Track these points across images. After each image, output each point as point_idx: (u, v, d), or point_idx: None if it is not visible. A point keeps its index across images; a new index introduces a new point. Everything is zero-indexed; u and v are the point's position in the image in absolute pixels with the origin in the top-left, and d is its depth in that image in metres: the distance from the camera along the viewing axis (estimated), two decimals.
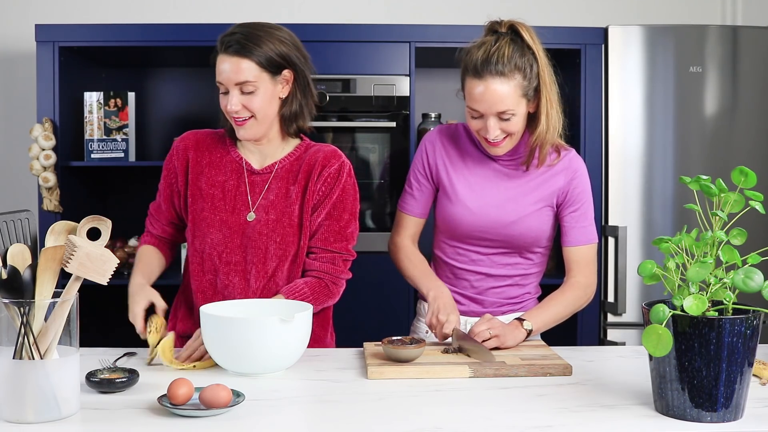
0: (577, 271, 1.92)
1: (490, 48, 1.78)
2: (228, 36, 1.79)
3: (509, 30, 1.82)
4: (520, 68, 1.78)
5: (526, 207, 1.90)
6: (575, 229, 1.92)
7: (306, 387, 1.53)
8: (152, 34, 2.86)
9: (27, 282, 1.30)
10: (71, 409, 1.30)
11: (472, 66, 1.79)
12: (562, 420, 1.31)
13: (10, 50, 3.32)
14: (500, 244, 1.93)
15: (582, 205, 1.93)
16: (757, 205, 1.31)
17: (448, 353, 1.73)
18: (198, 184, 1.88)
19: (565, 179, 1.92)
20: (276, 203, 1.85)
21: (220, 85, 1.81)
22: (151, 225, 1.98)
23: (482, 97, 1.77)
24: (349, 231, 1.88)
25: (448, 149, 1.97)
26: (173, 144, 1.95)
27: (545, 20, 3.23)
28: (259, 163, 1.90)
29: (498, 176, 1.93)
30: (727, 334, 1.24)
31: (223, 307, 1.68)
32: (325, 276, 1.85)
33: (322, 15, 3.32)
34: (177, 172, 1.90)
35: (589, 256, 1.93)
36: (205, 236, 1.85)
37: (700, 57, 2.87)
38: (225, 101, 1.80)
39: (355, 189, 1.90)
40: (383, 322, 2.86)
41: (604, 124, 2.89)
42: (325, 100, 2.90)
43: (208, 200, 1.86)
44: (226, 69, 1.77)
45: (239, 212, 1.85)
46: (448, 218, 1.95)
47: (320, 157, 1.87)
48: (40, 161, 2.82)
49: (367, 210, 2.98)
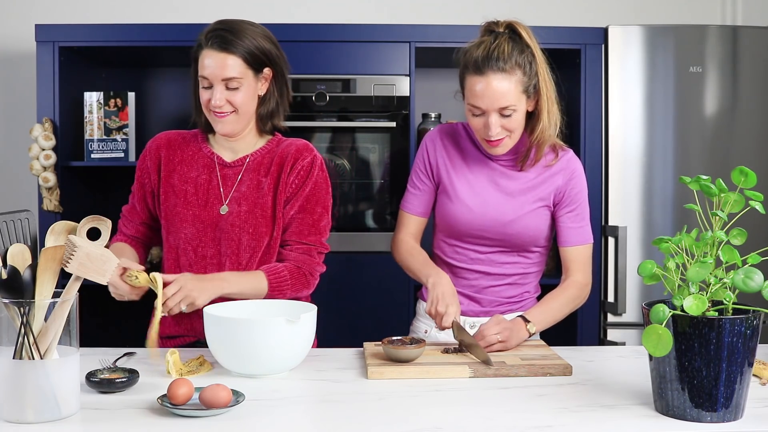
0: (575, 270, 1.93)
1: (490, 45, 1.79)
2: (212, 32, 1.81)
3: (507, 29, 1.84)
4: (520, 65, 1.79)
5: (524, 206, 1.91)
6: (572, 230, 1.93)
7: (306, 387, 1.53)
8: (152, 34, 2.86)
9: (27, 282, 1.30)
10: (71, 409, 1.30)
11: (472, 63, 1.80)
12: (562, 420, 1.31)
13: (10, 50, 3.32)
14: (498, 243, 1.94)
15: (579, 205, 1.94)
16: (757, 205, 1.31)
17: (448, 353, 1.73)
18: (170, 181, 1.90)
19: (563, 179, 1.92)
20: (248, 195, 1.87)
21: (203, 79, 1.82)
22: (125, 226, 1.98)
23: (484, 93, 1.78)
24: (322, 224, 1.91)
25: (448, 148, 1.98)
26: (146, 145, 1.97)
27: (545, 20, 3.23)
28: (230, 157, 1.92)
29: (497, 175, 1.94)
30: (727, 334, 1.24)
31: (228, 308, 1.69)
32: (303, 266, 1.87)
33: (322, 15, 3.32)
34: (150, 171, 1.93)
35: (586, 256, 1.95)
36: (178, 231, 1.87)
37: (700, 57, 2.87)
38: (207, 95, 1.82)
39: (327, 183, 1.93)
40: (383, 322, 2.86)
41: (604, 124, 2.89)
42: (325, 100, 2.90)
43: (181, 196, 1.88)
44: (212, 64, 1.79)
45: (212, 206, 1.87)
46: (447, 216, 1.95)
47: (292, 150, 1.90)
48: (40, 161, 2.82)
49: (367, 210, 2.98)
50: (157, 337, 1.68)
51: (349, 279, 2.86)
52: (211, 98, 1.81)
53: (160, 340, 1.86)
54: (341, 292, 2.78)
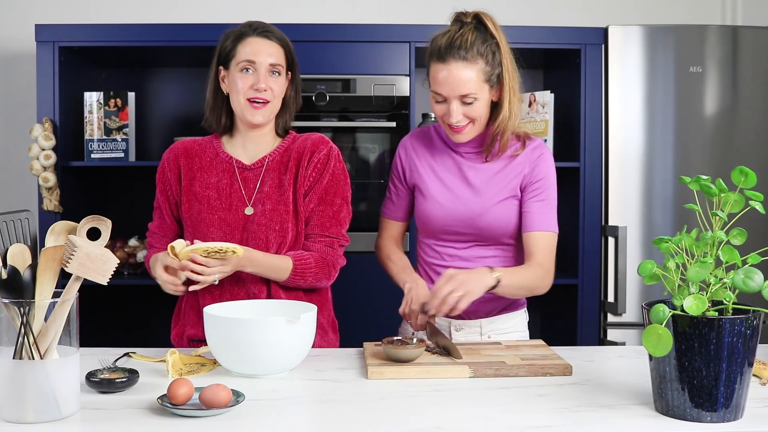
0: (538, 254, 1.89)
1: (454, 35, 1.83)
2: (252, 24, 1.90)
3: (474, 19, 1.86)
4: (482, 54, 1.81)
5: (492, 198, 1.91)
6: (535, 215, 1.90)
7: (306, 387, 1.53)
8: (152, 34, 2.86)
9: (27, 282, 1.30)
10: (71, 409, 1.30)
11: (436, 51, 1.84)
12: (562, 420, 1.31)
13: (10, 50, 3.32)
14: (472, 238, 1.94)
15: (543, 191, 1.92)
16: (757, 205, 1.31)
17: (433, 353, 1.72)
18: (192, 189, 1.92)
19: (528, 167, 1.93)
20: (271, 194, 1.89)
21: (249, 64, 1.86)
22: (157, 242, 1.97)
23: (445, 80, 1.81)
24: (342, 215, 1.93)
25: (418, 149, 2.01)
26: (162, 157, 1.98)
27: (545, 20, 3.23)
28: (249, 159, 1.94)
29: (465, 169, 1.95)
30: (727, 334, 1.24)
31: (228, 308, 1.69)
32: (328, 257, 1.91)
33: (322, 15, 3.33)
34: (171, 182, 1.95)
35: (549, 244, 1.91)
36: (205, 236, 1.88)
37: (700, 57, 2.87)
38: (251, 80, 1.86)
39: (345, 174, 1.96)
40: (383, 322, 2.86)
41: (604, 124, 2.89)
42: (325, 100, 2.90)
43: (204, 202, 1.90)
44: (259, 50, 1.87)
45: (237, 209, 1.89)
46: (422, 215, 1.98)
47: (308, 144, 1.94)
48: (40, 161, 2.82)
49: (367, 210, 2.98)
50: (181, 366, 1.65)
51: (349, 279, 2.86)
52: (254, 83, 1.85)
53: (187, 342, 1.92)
54: (341, 292, 2.78)
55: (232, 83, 1.89)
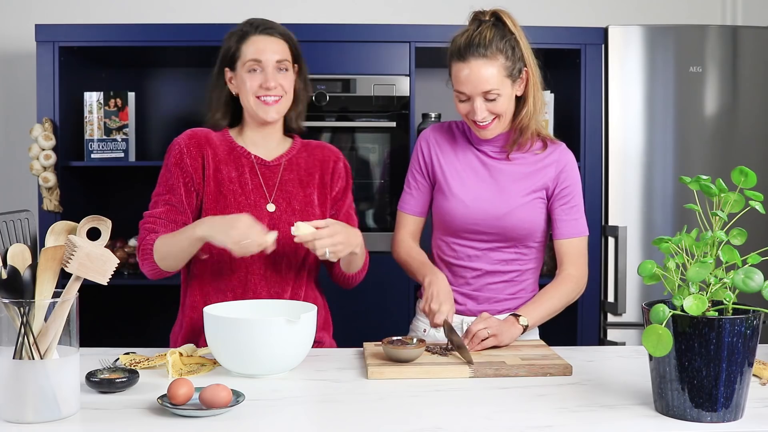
0: (569, 263, 1.94)
1: (473, 33, 1.84)
2: (253, 22, 1.90)
3: (492, 17, 1.88)
4: (501, 50, 1.83)
5: (516, 198, 1.92)
6: (566, 222, 1.94)
7: (306, 387, 1.53)
8: (152, 34, 2.86)
9: (27, 282, 1.30)
10: (71, 409, 1.30)
11: (456, 50, 1.86)
12: (562, 420, 1.31)
13: (10, 50, 3.32)
14: (495, 238, 1.94)
15: (572, 197, 1.95)
16: (757, 205, 1.31)
17: (434, 353, 1.72)
18: (217, 180, 1.87)
19: (554, 171, 1.94)
20: (295, 193, 1.91)
21: (257, 63, 1.85)
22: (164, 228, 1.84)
23: (467, 78, 1.83)
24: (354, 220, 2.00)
25: (442, 145, 2.00)
26: (179, 142, 1.89)
27: (545, 20, 3.23)
28: (268, 156, 1.94)
29: (488, 168, 1.95)
30: (727, 334, 1.24)
31: (228, 308, 1.69)
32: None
33: (322, 15, 3.32)
34: (190, 170, 1.86)
35: (581, 249, 1.95)
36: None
37: (700, 57, 2.87)
38: (258, 80, 1.86)
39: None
40: (383, 322, 2.86)
41: (604, 124, 2.89)
42: (325, 100, 2.90)
43: (230, 196, 1.87)
44: (265, 48, 1.86)
45: (260, 205, 1.88)
46: (443, 213, 1.97)
47: (327, 152, 1.99)
48: (40, 161, 2.82)
49: (367, 210, 2.98)
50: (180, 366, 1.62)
51: None
52: (263, 82, 1.85)
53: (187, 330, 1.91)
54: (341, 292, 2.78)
55: (240, 84, 1.88)
